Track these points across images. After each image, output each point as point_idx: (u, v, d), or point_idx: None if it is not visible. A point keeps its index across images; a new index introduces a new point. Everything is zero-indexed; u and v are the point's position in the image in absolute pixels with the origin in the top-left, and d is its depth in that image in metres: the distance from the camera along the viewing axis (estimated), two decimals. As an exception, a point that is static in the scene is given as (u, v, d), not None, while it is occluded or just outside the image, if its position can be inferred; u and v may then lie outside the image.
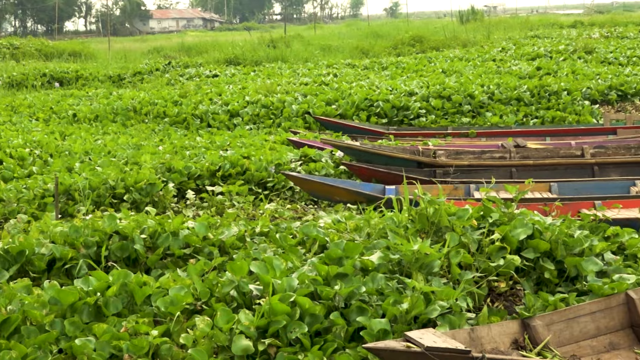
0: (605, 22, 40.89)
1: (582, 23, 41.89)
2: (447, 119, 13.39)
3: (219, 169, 9.20)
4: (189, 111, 14.49)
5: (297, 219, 7.66)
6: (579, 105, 13.95)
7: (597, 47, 22.78)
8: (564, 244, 5.34)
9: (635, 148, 9.89)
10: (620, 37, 28.08)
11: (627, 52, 21.27)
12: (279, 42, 28.72)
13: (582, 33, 31.33)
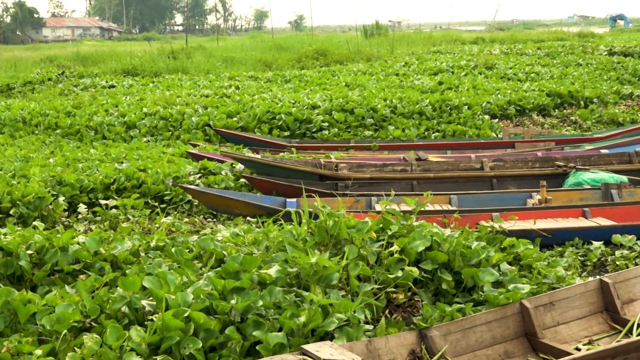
0: (506, 39, 42.09)
1: (483, 39, 42.99)
2: (350, 132, 13.41)
3: (113, 182, 8.92)
4: (82, 122, 14.00)
5: (195, 232, 7.50)
6: (479, 119, 14.22)
7: (498, 63, 23.35)
8: (461, 255, 5.36)
9: (532, 161, 10.11)
10: (520, 54, 28.87)
11: (526, 69, 21.86)
12: (180, 54, 28.34)
13: (483, 49, 32.10)
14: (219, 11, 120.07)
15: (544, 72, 20.98)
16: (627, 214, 7.88)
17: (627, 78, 20.84)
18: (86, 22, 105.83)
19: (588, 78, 19.89)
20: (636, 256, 6.86)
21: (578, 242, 7.21)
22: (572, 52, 28.52)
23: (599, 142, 11.99)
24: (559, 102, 16.44)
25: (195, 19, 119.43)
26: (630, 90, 18.54)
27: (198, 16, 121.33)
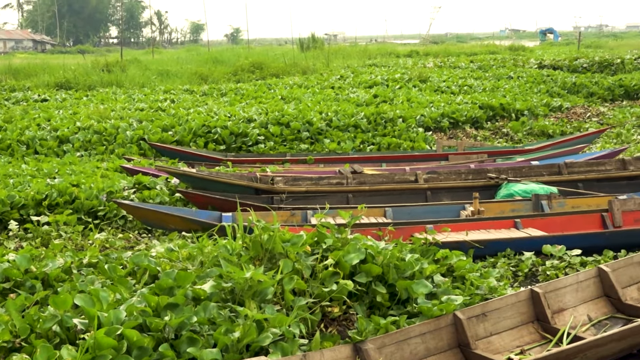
0: (439, 52, 42.70)
1: (417, 53, 43.52)
2: (286, 146, 13.43)
3: (45, 197, 8.74)
4: (14, 137, 13.67)
5: (129, 248, 7.41)
6: (413, 132, 14.38)
7: (431, 76, 23.67)
8: (395, 267, 5.42)
9: (465, 173, 10.27)
10: (453, 67, 29.33)
11: (459, 82, 22.21)
12: (115, 67, 27.97)
13: (418, 62, 32.51)
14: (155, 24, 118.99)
15: (477, 85, 21.34)
16: (557, 224, 8.06)
17: (557, 91, 21.36)
18: (18, 35, 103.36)
19: (519, 91, 20.31)
20: (566, 266, 7.01)
21: (510, 252, 7.33)
22: (504, 65, 29.09)
23: (529, 154, 12.25)
24: (491, 115, 16.73)
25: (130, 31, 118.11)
26: (560, 102, 19.01)
27: (133, 29, 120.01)
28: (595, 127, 16.08)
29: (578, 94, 21.42)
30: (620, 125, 16.71)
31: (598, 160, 11.03)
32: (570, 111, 18.59)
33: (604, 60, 28.59)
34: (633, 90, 22.02)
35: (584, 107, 19.43)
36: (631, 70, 26.95)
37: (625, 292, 6.06)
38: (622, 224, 8.02)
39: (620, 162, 10.80)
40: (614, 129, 15.98)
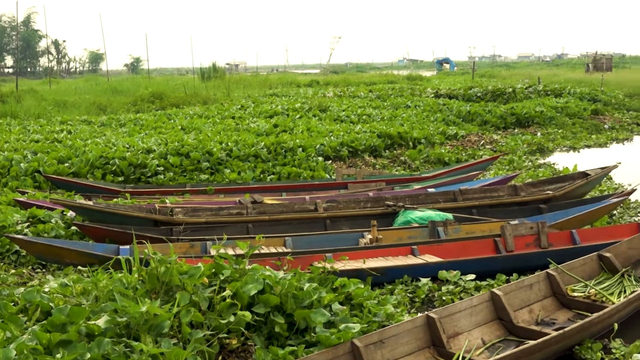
0: (340, 82, 43.30)
1: (318, 82, 44.00)
2: (186, 176, 13.30)
3: None
4: None
5: (22, 284, 7.19)
6: (313, 161, 14.48)
7: (331, 105, 23.95)
8: (293, 297, 5.45)
9: (364, 202, 10.40)
10: (352, 96, 29.78)
11: (358, 111, 22.53)
12: (9, 97, 27.19)
13: (318, 92, 32.88)
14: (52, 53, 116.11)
15: (375, 114, 21.70)
16: (452, 250, 8.25)
17: (452, 119, 21.95)
18: None
19: (416, 119, 20.76)
20: (461, 290, 7.19)
21: (407, 279, 7.47)
22: (402, 94, 29.73)
23: (426, 182, 12.51)
24: (389, 143, 17.04)
25: (27, 61, 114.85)
26: (455, 130, 19.53)
27: (30, 58, 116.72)
28: (489, 154, 16.57)
29: (472, 122, 22.06)
30: (512, 152, 17.29)
31: (491, 186, 11.36)
32: (465, 139, 19.11)
33: (497, 89, 29.61)
34: (524, 118, 22.86)
35: (478, 135, 20.03)
36: (522, 99, 27.99)
37: (517, 314, 6.25)
38: (514, 249, 8.28)
39: (512, 188, 11.16)
40: (507, 156, 16.51)
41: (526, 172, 14.14)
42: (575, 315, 6.47)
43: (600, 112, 26.36)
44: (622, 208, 10.99)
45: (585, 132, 21.91)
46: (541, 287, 6.75)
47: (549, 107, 24.65)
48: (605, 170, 11.67)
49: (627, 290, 6.86)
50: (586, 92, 30.00)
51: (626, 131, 22.62)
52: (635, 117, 25.85)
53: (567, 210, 9.78)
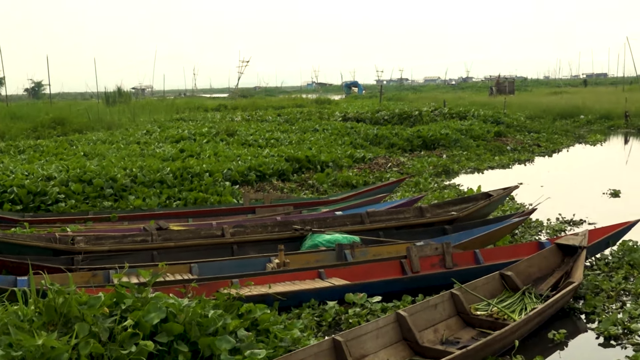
0: (248, 106, 43.27)
1: (226, 106, 43.88)
2: (88, 204, 12.95)
3: None
4: None
5: None
6: (220, 186, 14.34)
7: (239, 129, 23.86)
8: (198, 324, 5.35)
9: (271, 226, 10.35)
10: (261, 120, 29.79)
11: (266, 135, 22.50)
12: None
13: (226, 116, 32.76)
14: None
15: (284, 138, 21.71)
16: (359, 272, 8.27)
17: (360, 142, 22.17)
18: None
19: (324, 143, 20.86)
20: (367, 313, 7.21)
21: (314, 303, 7.45)
22: (310, 118, 29.92)
23: (334, 205, 12.54)
24: (297, 167, 17.05)
25: None
26: (363, 153, 19.73)
27: None
28: (396, 176, 16.78)
29: (380, 145, 22.34)
30: (418, 174, 17.55)
31: (398, 208, 11.48)
32: (372, 162, 19.32)
33: (404, 112, 30.11)
34: (430, 141, 23.29)
35: (385, 157, 20.28)
36: (428, 122, 28.53)
37: (423, 334, 6.30)
38: (420, 269, 8.36)
39: (418, 210, 11.31)
40: (413, 178, 16.75)
41: (432, 194, 14.36)
42: (479, 334, 6.57)
43: (503, 134, 27.09)
44: (523, 227, 11.26)
45: (489, 153, 22.46)
46: (446, 306, 6.84)
47: (454, 129, 25.20)
48: (507, 191, 11.96)
49: (527, 308, 7.02)
50: (490, 115, 30.85)
51: (527, 152, 23.29)
52: (536, 138, 26.67)
53: (471, 230, 9.97)
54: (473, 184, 15.13)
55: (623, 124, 33.32)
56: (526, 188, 15.33)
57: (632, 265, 8.92)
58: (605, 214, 12.40)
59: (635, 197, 14.51)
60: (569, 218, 12.13)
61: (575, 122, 34.29)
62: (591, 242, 8.81)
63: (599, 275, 8.62)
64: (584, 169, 19.94)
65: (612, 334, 6.74)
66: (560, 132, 29.53)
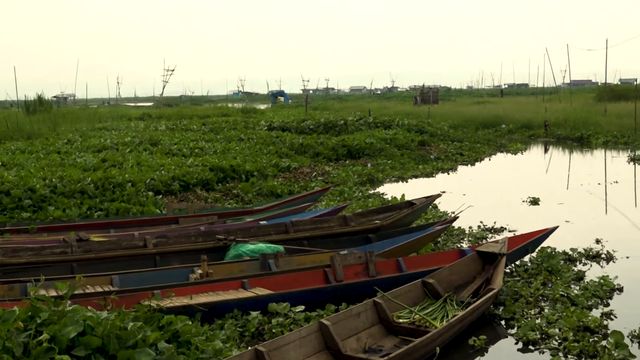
0: (173, 115, 42.87)
1: (150, 115, 43.40)
2: (6, 215, 12.56)
3: None
4: None
5: None
6: (143, 196, 14.13)
7: (163, 139, 23.61)
8: (117, 337, 5.24)
9: (195, 236, 10.26)
10: (185, 129, 29.53)
11: (190, 144, 22.32)
12: None
13: (150, 125, 32.36)
14: None
15: (208, 148, 21.57)
16: (283, 282, 8.25)
17: (285, 151, 22.18)
18: None
19: (249, 152, 20.81)
20: (291, 322, 7.19)
21: (237, 313, 7.39)
22: (235, 127, 29.81)
23: (258, 214, 12.50)
24: (222, 176, 16.94)
25: None
26: (288, 163, 19.73)
27: None
28: (321, 185, 16.82)
29: (305, 154, 22.39)
30: (343, 183, 17.64)
31: (322, 217, 11.51)
32: (297, 171, 19.34)
33: (329, 121, 30.24)
34: (355, 150, 23.45)
35: (311, 166, 20.34)
36: (353, 131, 28.72)
37: (345, 343, 6.32)
38: (344, 278, 8.38)
39: (342, 219, 11.36)
40: (338, 187, 16.82)
41: (356, 203, 14.44)
42: (401, 341, 6.62)
43: (427, 143, 27.45)
44: (445, 235, 11.41)
45: (413, 162, 22.71)
46: (368, 315, 6.87)
47: (378, 138, 25.44)
48: (429, 199, 12.10)
49: (449, 315, 7.11)
50: (414, 124, 31.24)
51: (451, 161, 23.65)
52: (459, 147, 27.10)
53: (394, 239, 10.06)
54: (397, 192, 15.27)
55: (543, 133, 34.14)
56: (449, 196, 15.56)
57: (550, 272, 9.14)
58: (525, 221, 12.67)
59: (553, 204, 14.87)
60: (490, 226, 12.35)
61: (497, 132, 34.99)
62: (511, 249, 8.99)
63: (519, 281, 8.80)
64: (505, 178, 20.36)
65: (530, 339, 6.87)
66: (483, 141, 30.09)
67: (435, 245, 10.88)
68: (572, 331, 6.93)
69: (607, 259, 10.16)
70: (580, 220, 13.12)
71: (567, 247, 10.37)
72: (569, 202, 15.24)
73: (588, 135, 31.14)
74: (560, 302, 7.95)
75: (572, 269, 9.34)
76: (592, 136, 30.90)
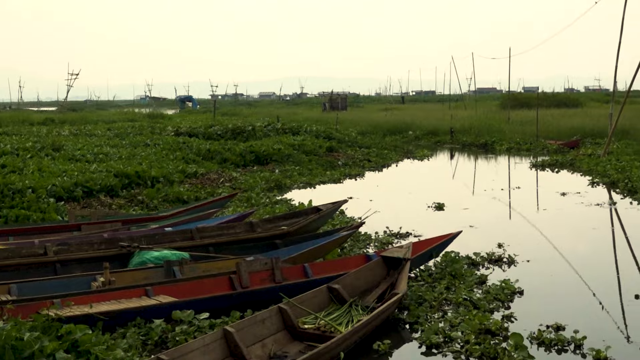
0: (77, 120, 41.94)
1: (53, 120, 42.34)
2: None
3: None
4: None
5: None
6: (44, 202, 13.72)
7: (66, 144, 23.03)
8: (13, 348, 5.09)
9: (97, 243, 10.04)
10: (90, 135, 28.90)
11: (95, 149, 21.85)
12: None
13: (53, 130, 31.53)
14: None
15: (113, 153, 21.17)
16: (187, 289, 8.14)
17: (192, 157, 21.95)
18: None
19: (155, 158, 20.51)
20: (195, 330, 7.10)
21: (140, 321, 7.25)
22: (141, 132, 29.39)
23: (164, 221, 12.30)
24: (127, 183, 16.61)
25: None
26: (195, 168, 19.55)
27: None
28: (228, 192, 16.70)
29: (212, 160, 22.22)
30: (250, 190, 17.56)
31: (228, 224, 11.43)
32: (204, 177, 19.18)
33: (237, 127, 30.10)
34: (263, 156, 23.40)
35: (218, 172, 20.19)
36: (261, 137, 28.67)
37: (250, 350, 6.28)
38: (250, 285, 8.33)
39: (248, 225, 11.30)
40: (245, 193, 16.75)
41: (263, 209, 14.40)
42: (306, 347, 6.62)
43: (335, 149, 27.65)
44: (352, 240, 11.49)
45: (321, 168, 22.83)
46: (273, 321, 6.85)
47: (286, 144, 25.46)
48: (336, 205, 12.17)
49: (354, 320, 7.15)
50: (322, 130, 31.43)
51: (358, 167, 23.86)
52: (367, 153, 27.39)
53: (300, 244, 10.05)
54: (304, 198, 15.30)
55: (448, 140, 34.84)
56: (356, 202, 15.69)
57: (454, 276, 9.30)
58: (430, 226, 12.88)
59: (458, 209, 15.17)
60: (396, 231, 12.50)
61: (404, 138, 35.53)
62: (415, 254, 9.12)
63: (423, 286, 8.92)
64: (411, 183, 20.64)
65: (433, 343, 6.97)
66: (390, 147, 30.50)
67: (341, 250, 10.94)
68: (474, 334, 7.07)
69: (508, 262, 10.42)
70: (483, 225, 13.42)
71: (471, 251, 10.60)
72: (474, 208, 15.57)
73: (492, 142, 31.96)
74: (463, 306, 8.10)
75: (475, 273, 9.55)
76: (496, 143, 31.73)
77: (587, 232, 12.99)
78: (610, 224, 13.69)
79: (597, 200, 16.13)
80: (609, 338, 7.10)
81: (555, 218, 14.27)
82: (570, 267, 10.27)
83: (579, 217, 14.39)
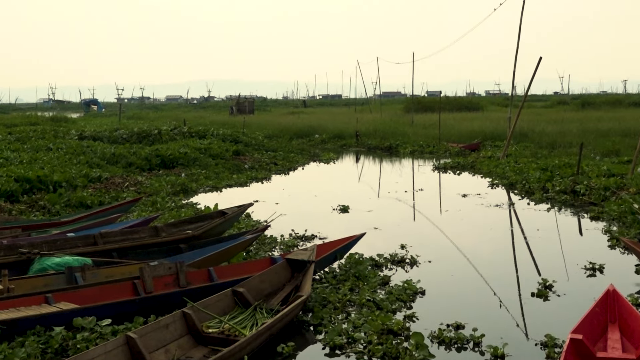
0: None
1: None
2: None
3: None
4: None
5: None
6: (-61, 208, 13.28)
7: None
8: None
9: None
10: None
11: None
12: None
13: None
14: None
15: (14, 158, 20.58)
16: (90, 295, 8.01)
17: (96, 161, 21.55)
18: None
19: (58, 162, 20.07)
20: (97, 337, 6.99)
21: (40, 329, 7.10)
22: (44, 136, 28.68)
23: (66, 226, 12.06)
24: (28, 187, 16.19)
25: None
26: (99, 173, 19.20)
27: None
28: (133, 196, 16.48)
29: (117, 164, 21.86)
30: (156, 194, 17.37)
31: (132, 228, 11.28)
32: (109, 181, 18.84)
33: (143, 131, 29.72)
34: (169, 160, 23.17)
35: (123, 177, 19.86)
36: (168, 141, 28.37)
37: (153, 356, 6.24)
38: (154, 290, 8.25)
39: (153, 230, 11.20)
40: (150, 197, 16.56)
41: (169, 213, 14.27)
42: (210, 351, 6.61)
43: (241, 153, 27.62)
44: (258, 244, 11.52)
45: (227, 172, 22.78)
46: (177, 326, 6.82)
47: (193, 148, 25.28)
48: (241, 209, 12.18)
49: (258, 323, 7.18)
50: (229, 134, 31.35)
51: (265, 170, 23.92)
52: (274, 157, 27.46)
53: (205, 248, 10.03)
54: (211, 202, 15.24)
55: (354, 143, 35.23)
56: (262, 205, 15.72)
57: (358, 277, 9.44)
58: (335, 228, 13.03)
59: (363, 212, 15.37)
60: (302, 234, 12.59)
61: (310, 141, 35.74)
62: (319, 256, 9.22)
63: (327, 287, 9.02)
64: (317, 186, 20.79)
65: (337, 344, 7.06)
66: (297, 150, 30.65)
67: (247, 254, 10.95)
68: (377, 334, 7.19)
69: (411, 263, 10.63)
70: (387, 226, 13.64)
71: (375, 253, 10.77)
72: (378, 210, 15.80)
73: (396, 145, 32.50)
74: (366, 307, 8.23)
75: (379, 274, 9.70)
76: (400, 146, 32.28)
77: (486, 232, 13.37)
78: (509, 224, 14.13)
79: (497, 202, 16.64)
80: (506, 335, 7.32)
81: (456, 219, 14.63)
82: (471, 266, 10.56)
83: (479, 217, 14.79)
